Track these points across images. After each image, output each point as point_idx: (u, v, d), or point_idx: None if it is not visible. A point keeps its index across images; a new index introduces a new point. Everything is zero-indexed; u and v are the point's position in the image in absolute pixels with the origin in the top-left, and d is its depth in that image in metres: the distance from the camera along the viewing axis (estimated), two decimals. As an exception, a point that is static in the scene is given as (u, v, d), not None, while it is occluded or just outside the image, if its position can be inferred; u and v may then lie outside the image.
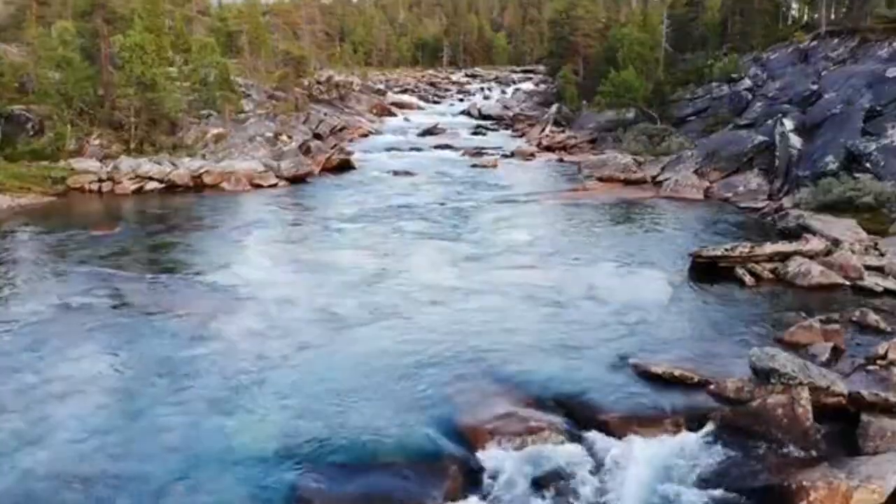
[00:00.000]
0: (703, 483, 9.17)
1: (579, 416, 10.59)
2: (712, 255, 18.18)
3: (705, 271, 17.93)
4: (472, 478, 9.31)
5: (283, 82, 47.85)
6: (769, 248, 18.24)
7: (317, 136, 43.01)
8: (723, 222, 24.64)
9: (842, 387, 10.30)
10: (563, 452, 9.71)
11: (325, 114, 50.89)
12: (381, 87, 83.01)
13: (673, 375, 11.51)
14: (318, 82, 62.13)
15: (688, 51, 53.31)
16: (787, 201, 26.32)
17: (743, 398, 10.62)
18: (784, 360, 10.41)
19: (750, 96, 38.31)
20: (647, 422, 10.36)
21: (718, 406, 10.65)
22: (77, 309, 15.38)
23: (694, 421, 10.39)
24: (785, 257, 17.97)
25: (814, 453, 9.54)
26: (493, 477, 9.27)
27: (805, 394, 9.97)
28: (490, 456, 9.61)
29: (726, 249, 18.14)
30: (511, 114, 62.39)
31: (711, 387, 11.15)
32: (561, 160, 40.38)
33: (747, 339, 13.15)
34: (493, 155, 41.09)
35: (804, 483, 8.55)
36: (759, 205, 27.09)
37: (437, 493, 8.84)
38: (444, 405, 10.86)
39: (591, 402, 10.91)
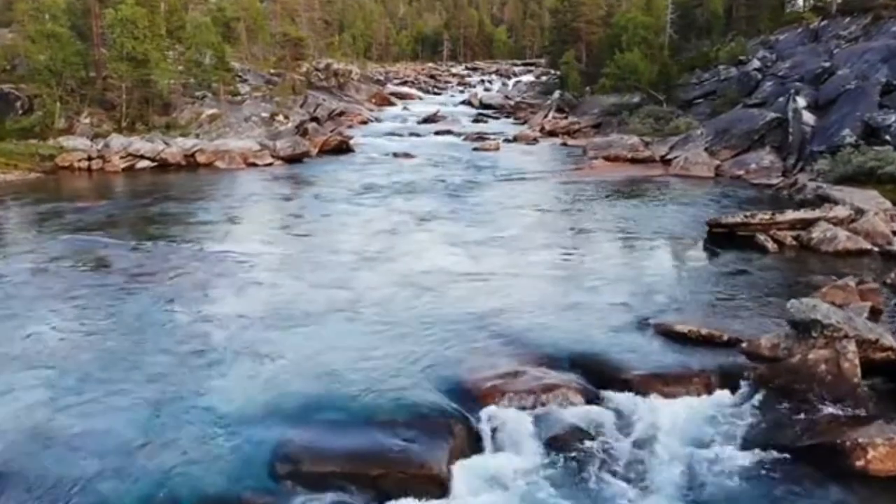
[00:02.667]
0: (742, 444, 8.13)
1: (598, 375, 9.54)
2: (731, 222, 17.17)
3: (723, 240, 16.90)
4: (480, 438, 8.27)
5: (281, 65, 46.77)
6: (791, 215, 17.21)
7: (314, 120, 41.92)
8: (736, 197, 23.61)
9: (892, 340, 9.27)
10: (581, 412, 8.67)
11: (324, 99, 49.86)
12: (381, 78, 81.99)
13: (700, 334, 10.46)
14: (317, 69, 61.09)
15: (692, 38, 52.31)
16: (802, 177, 25.33)
17: (780, 355, 9.56)
18: (827, 311, 9.35)
19: (759, 76, 37.20)
20: (673, 381, 9.31)
21: (752, 364, 9.59)
22: (52, 273, 14.35)
23: (726, 380, 9.35)
24: (808, 224, 16.94)
25: (864, 412, 8.49)
26: (503, 437, 8.23)
27: (851, 347, 8.94)
28: (499, 414, 8.55)
29: (746, 216, 17.12)
30: (512, 103, 61.26)
31: (743, 345, 10.08)
32: (564, 144, 39.36)
33: (775, 300, 12.09)
34: (494, 139, 40.02)
35: (860, 440, 7.53)
36: (773, 181, 26.08)
37: (440, 453, 7.77)
38: (449, 364, 9.81)
39: (611, 361, 9.85)
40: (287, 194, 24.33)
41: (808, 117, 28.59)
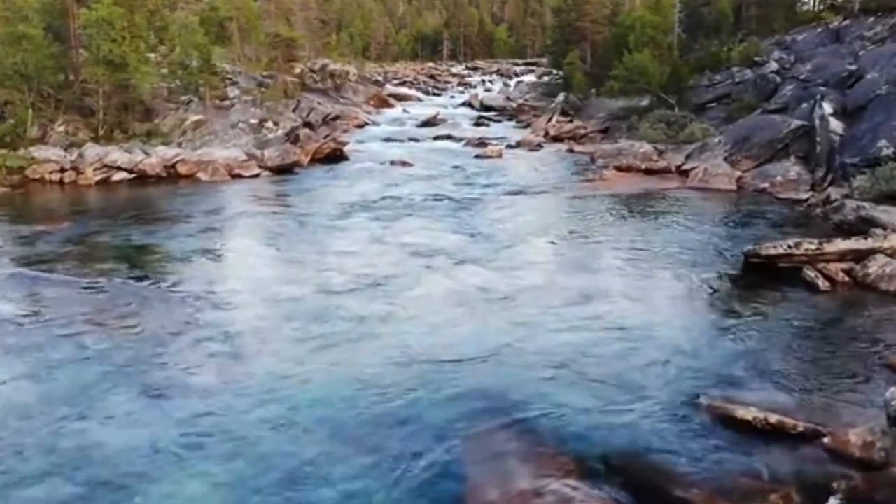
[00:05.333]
0: None
1: (644, 490, 7.38)
2: (772, 253, 15.00)
3: (763, 273, 14.78)
4: None
5: (273, 67, 44.61)
6: (841, 244, 15.06)
7: (307, 125, 39.76)
8: (765, 216, 21.49)
9: None
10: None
11: (319, 102, 47.68)
12: (380, 79, 79.85)
13: (767, 423, 8.32)
14: (313, 71, 58.96)
15: (700, 37, 50.16)
16: (834, 192, 23.21)
17: (875, 459, 7.45)
18: (944, 409, 7.23)
19: (778, 79, 35.04)
20: (742, 498, 7.15)
21: (841, 470, 7.45)
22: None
23: (810, 494, 7.21)
24: (860, 256, 14.83)
25: None
26: None
27: (980, 459, 6.83)
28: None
29: (789, 247, 14.95)
30: (514, 105, 59.07)
31: (825, 440, 7.96)
32: (571, 150, 37.20)
33: (846, 362, 9.95)
34: (497, 145, 37.91)
35: None
36: (802, 196, 23.97)
37: None
38: (446, 473, 7.63)
39: (659, 466, 7.70)
40: (268, 215, 21.86)
41: (836, 125, 26.48)
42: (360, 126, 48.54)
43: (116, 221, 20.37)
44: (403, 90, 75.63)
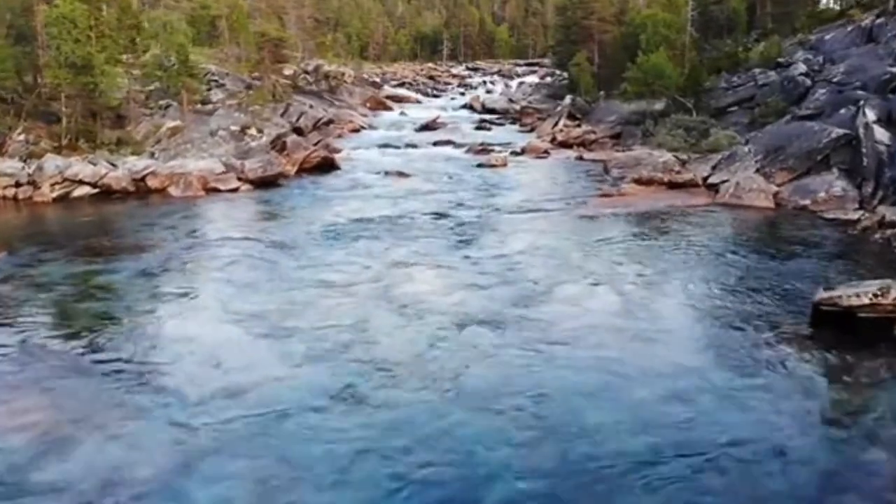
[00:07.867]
0: None
1: None
2: (851, 304, 12.06)
3: (839, 327, 11.87)
4: None
5: (259, 68, 41.72)
6: (936, 292, 12.13)
7: (297, 131, 36.82)
8: (815, 242, 18.63)
9: None
10: None
11: (311, 106, 44.75)
12: (377, 80, 77.06)
13: None
14: (306, 72, 56.19)
15: (713, 37, 47.36)
16: (889, 212, 20.36)
17: None
18: None
19: (808, 82, 32.08)
20: None
21: None
22: None
23: None
24: (960, 307, 11.90)
25: None
26: None
27: None
28: None
29: (874, 295, 12.01)
30: (517, 107, 56.30)
31: None
32: (580, 158, 34.49)
33: None
34: (500, 152, 35.12)
35: None
36: (852, 216, 21.13)
37: None
38: None
39: None
40: (239, 243, 18.65)
41: (882, 134, 23.62)
42: (356, 130, 45.76)
43: (62, 251, 17.41)
44: (402, 92, 72.96)
